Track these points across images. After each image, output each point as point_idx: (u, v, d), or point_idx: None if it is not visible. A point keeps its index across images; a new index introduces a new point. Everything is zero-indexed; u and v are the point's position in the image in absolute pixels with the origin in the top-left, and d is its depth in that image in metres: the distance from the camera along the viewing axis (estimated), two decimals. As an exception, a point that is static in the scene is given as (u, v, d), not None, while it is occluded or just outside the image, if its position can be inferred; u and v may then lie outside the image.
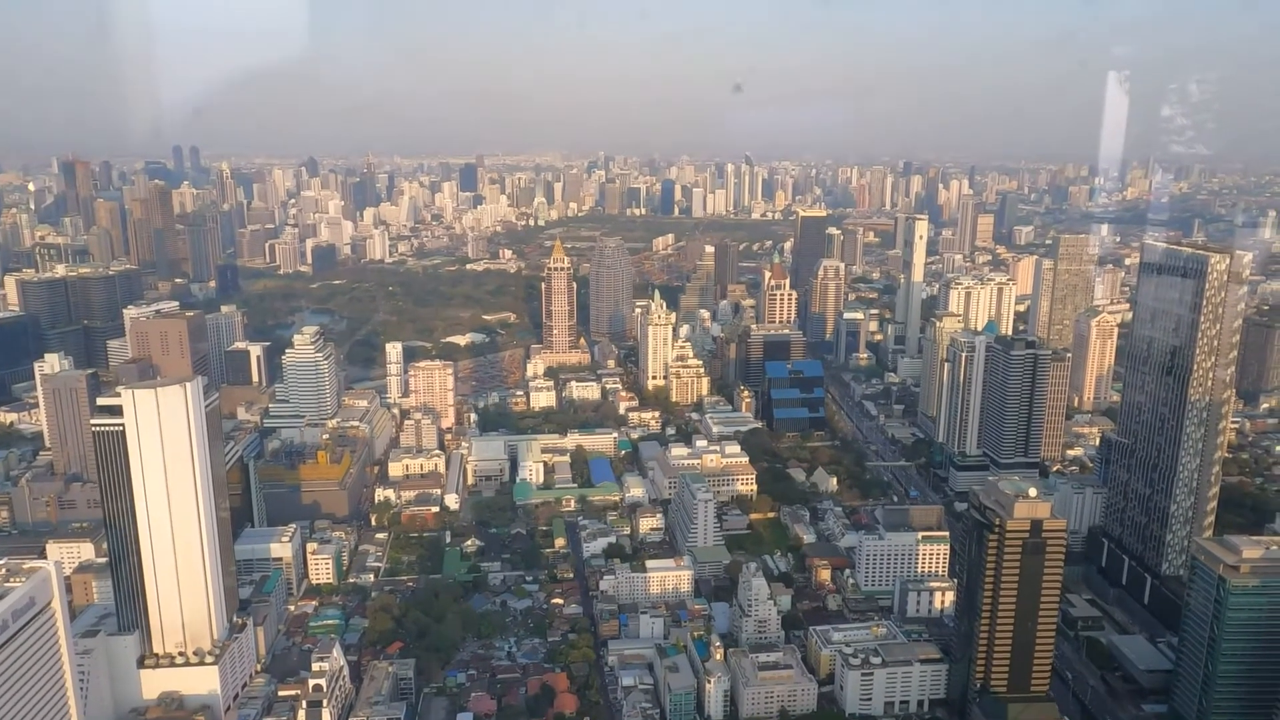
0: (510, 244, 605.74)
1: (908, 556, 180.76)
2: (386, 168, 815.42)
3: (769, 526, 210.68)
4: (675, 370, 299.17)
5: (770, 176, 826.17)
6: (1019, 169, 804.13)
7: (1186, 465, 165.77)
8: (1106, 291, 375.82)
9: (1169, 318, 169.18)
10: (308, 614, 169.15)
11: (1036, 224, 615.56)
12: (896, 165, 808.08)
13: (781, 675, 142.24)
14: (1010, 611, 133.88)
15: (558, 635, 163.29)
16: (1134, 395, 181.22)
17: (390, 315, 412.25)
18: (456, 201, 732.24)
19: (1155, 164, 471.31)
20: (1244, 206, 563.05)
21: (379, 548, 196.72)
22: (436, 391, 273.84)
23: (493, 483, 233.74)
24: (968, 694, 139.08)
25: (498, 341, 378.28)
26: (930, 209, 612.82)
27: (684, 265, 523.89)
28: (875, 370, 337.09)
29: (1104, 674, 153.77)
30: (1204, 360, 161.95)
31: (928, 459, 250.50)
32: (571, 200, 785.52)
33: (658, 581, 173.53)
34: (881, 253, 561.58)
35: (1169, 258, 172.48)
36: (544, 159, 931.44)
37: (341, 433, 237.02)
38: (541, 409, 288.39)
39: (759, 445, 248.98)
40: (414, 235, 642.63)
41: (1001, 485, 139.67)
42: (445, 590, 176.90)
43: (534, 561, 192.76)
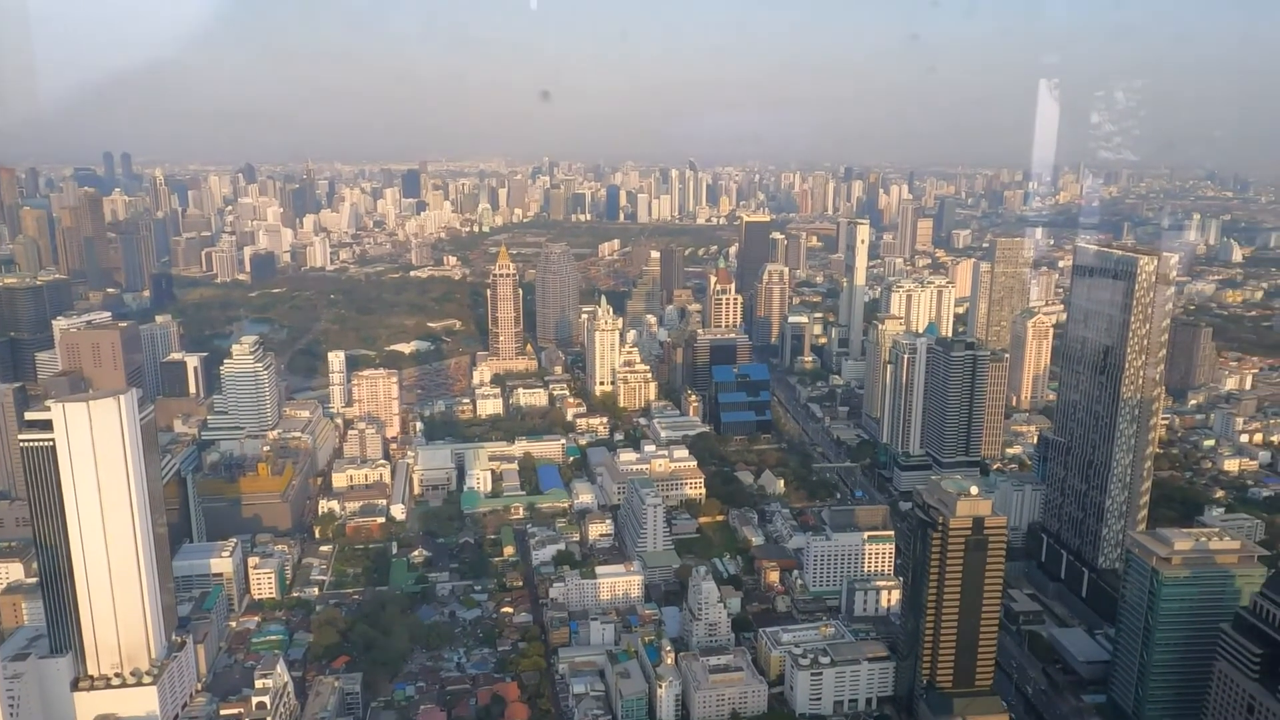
0: (455, 250, 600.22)
1: (854, 556, 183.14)
2: (327, 174, 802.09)
3: (718, 530, 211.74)
4: (622, 376, 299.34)
5: (714, 182, 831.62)
6: (956, 174, 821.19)
7: (1120, 461, 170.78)
8: (1041, 293, 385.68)
9: (1101, 318, 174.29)
10: (250, 630, 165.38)
11: (974, 228, 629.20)
12: (838, 170, 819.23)
13: (732, 678, 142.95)
14: (954, 608, 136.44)
15: (508, 644, 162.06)
16: (1069, 394, 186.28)
17: (332, 324, 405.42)
18: (399, 208, 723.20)
19: (1085, 169, 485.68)
20: (1170, 210, 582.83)
21: (323, 560, 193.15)
22: (381, 400, 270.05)
23: (440, 492, 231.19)
24: (915, 690, 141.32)
25: (443, 349, 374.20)
26: (871, 213, 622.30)
27: (630, 271, 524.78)
28: (820, 373, 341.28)
29: (1045, 667, 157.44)
30: (1135, 359, 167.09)
31: (872, 459, 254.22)
32: (516, 206, 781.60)
33: (608, 587, 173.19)
34: (824, 257, 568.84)
35: (1100, 260, 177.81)
36: (488, 165, 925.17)
37: (283, 444, 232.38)
38: (488, 416, 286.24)
39: (707, 449, 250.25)
40: (356, 242, 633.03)
41: (944, 484, 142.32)
42: (392, 602, 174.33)
43: (483, 571, 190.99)
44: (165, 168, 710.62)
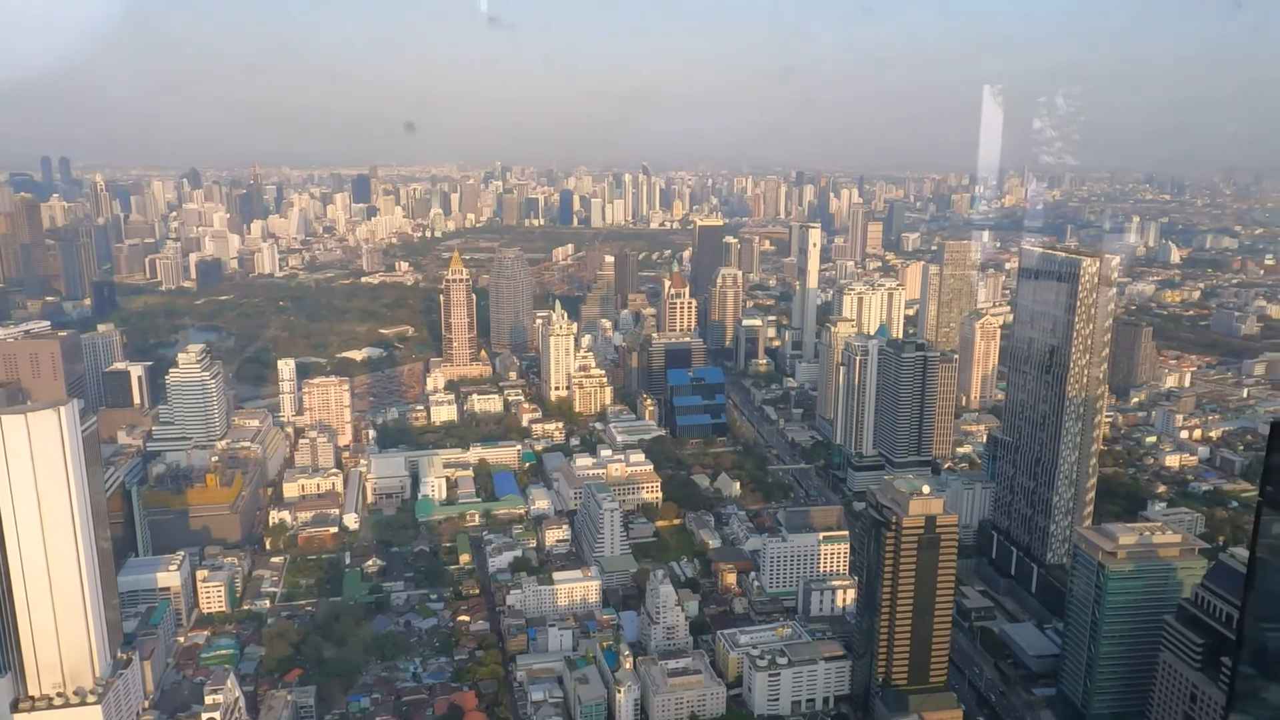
0: (406, 256, 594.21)
1: (810, 557, 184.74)
2: (274, 179, 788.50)
3: (675, 533, 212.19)
4: (578, 380, 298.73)
5: (668, 186, 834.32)
6: (905, 178, 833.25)
7: (1066, 458, 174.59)
8: (989, 295, 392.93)
9: (1046, 319, 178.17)
10: (199, 645, 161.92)
11: (923, 231, 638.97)
12: (789, 175, 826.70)
13: (691, 681, 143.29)
14: (908, 606, 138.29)
15: (464, 653, 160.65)
16: (1016, 394, 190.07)
17: (282, 331, 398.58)
18: (349, 213, 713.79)
19: (1029, 173, 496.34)
20: (1111, 213, 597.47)
21: (275, 572, 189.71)
22: (332, 408, 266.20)
23: (394, 500, 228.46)
24: (870, 688, 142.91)
25: (396, 356, 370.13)
26: (822, 217, 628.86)
27: (584, 275, 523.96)
28: (774, 375, 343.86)
29: (997, 662, 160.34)
30: (1079, 358, 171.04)
31: (826, 460, 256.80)
32: (469, 211, 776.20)
33: (565, 593, 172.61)
34: (777, 260, 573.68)
35: (1044, 262, 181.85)
36: (439, 169, 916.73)
37: (232, 454, 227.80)
38: (442, 423, 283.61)
39: (663, 453, 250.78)
40: (305, 248, 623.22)
41: (897, 484, 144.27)
42: (346, 613, 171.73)
43: (438, 579, 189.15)
44: (106, 173, 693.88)
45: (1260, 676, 18.39)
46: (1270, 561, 17.74)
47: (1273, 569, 17.83)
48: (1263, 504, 17.40)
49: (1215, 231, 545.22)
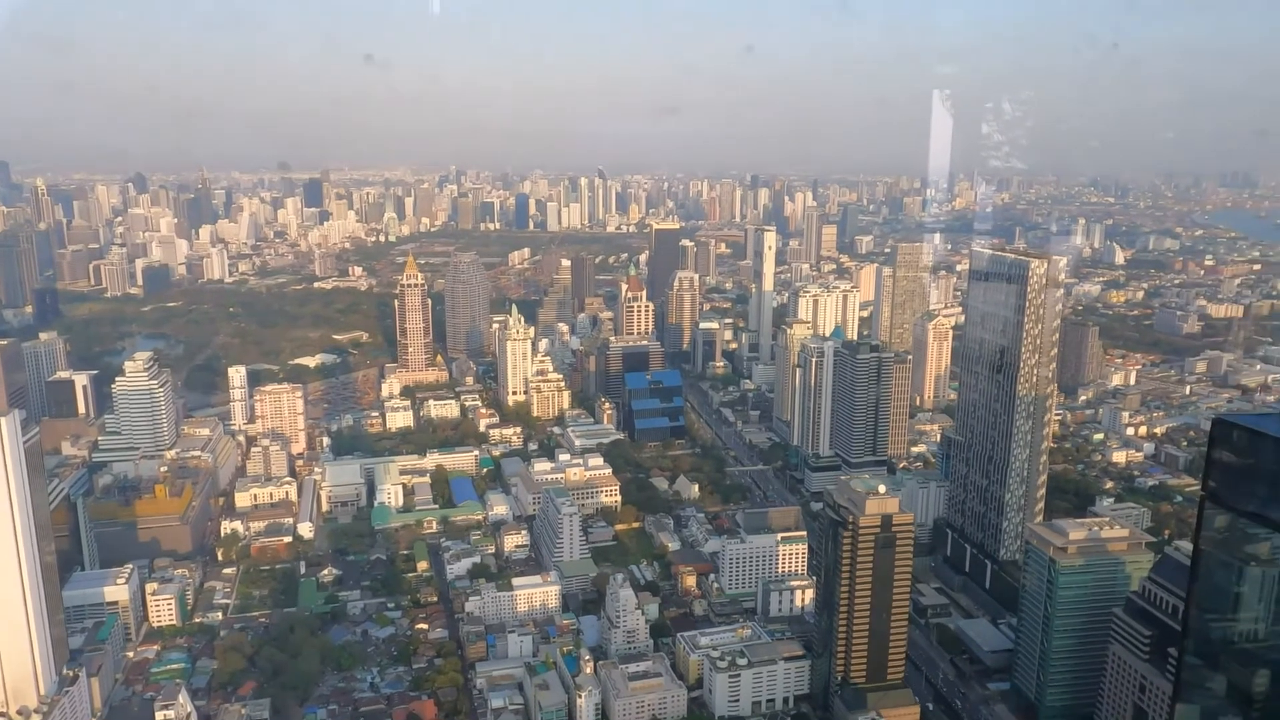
0: (360, 261, 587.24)
1: (768, 558, 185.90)
2: (223, 183, 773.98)
3: (634, 536, 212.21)
4: (535, 385, 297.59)
5: (624, 190, 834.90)
6: (858, 181, 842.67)
7: (1017, 456, 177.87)
8: (941, 296, 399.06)
9: (996, 320, 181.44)
10: (149, 659, 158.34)
11: (876, 233, 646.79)
12: (744, 178, 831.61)
13: (651, 684, 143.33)
14: (866, 604, 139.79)
15: (423, 661, 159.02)
16: (969, 393, 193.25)
17: (232, 337, 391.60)
18: (301, 218, 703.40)
19: (979, 177, 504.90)
20: (1058, 215, 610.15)
21: (227, 583, 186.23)
22: (285, 416, 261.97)
23: (349, 508, 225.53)
24: (830, 687, 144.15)
25: (350, 362, 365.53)
26: (777, 220, 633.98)
27: (541, 279, 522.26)
28: (731, 378, 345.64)
29: (953, 658, 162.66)
30: (1029, 358, 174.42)
31: (784, 462, 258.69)
32: (423, 215, 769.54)
33: (525, 599, 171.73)
34: (733, 263, 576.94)
35: (994, 264, 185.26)
36: (393, 173, 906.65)
37: (182, 464, 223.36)
38: (398, 429, 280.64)
39: (622, 456, 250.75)
40: (256, 253, 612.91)
41: (853, 484, 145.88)
42: (301, 623, 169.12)
43: (396, 587, 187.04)
44: (48, 177, 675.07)
45: (1204, 666, 18.91)
46: (1212, 554, 18.27)
47: (1215, 561, 18.36)
48: (1205, 498, 17.91)
49: (1157, 233, 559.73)
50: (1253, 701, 17.82)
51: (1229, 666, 18.02)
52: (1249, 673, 17.57)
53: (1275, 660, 17.32)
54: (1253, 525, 17.03)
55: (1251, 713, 17.96)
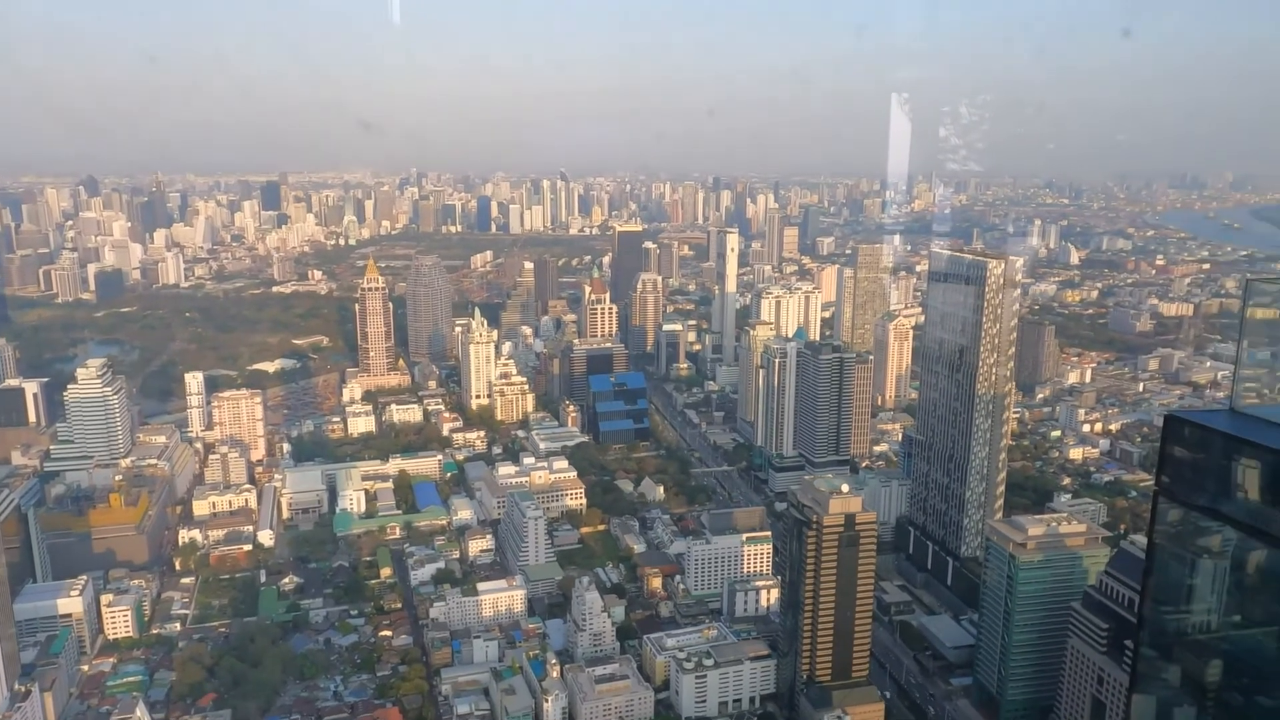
0: (320, 264, 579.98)
1: (734, 558, 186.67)
2: (178, 186, 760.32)
3: (600, 539, 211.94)
4: (499, 388, 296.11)
5: (586, 192, 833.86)
6: (819, 183, 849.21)
7: (977, 454, 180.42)
8: (901, 297, 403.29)
9: (955, 320, 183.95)
10: (105, 673, 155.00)
11: (837, 235, 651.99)
12: (707, 181, 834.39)
13: (618, 686, 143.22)
14: (830, 603, 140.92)
15: (387, 669, 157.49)
16: (929, 392, 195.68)
17: (189, 343, 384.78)
18: (259, 221, 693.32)
19: (937, 179, 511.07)
20: (1014, 216, 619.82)
21: (185, 594, 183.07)
22: (244, 422, 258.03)
23: (310, 515, 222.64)
24: (795, 686, 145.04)
25: (310, 367, 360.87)
26: (740, 222, 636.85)
27: (503, 282, 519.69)
28: (695, 379, 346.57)
29: (916, 654, 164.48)
30: (987, 357, 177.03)
31: (748, 462, 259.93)
32: (384, 218, 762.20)
33: (490, 604, 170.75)
34: (696, 265, 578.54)
35: (953, 265, 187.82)
36: (353, 176, 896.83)
37: (137, 472, 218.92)
38: (360, 435, 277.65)
39: (586, 459, 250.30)
40: (212, 257, 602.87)
41: (817, 483, 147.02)
42: (262, 632, 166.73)
43: (359, 594, 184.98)
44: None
45: (1160, 658, 19.28)
46: (1166, 548, 18.63)
47: (1169, 555, 18.73)
48: (1158, 493, 18.26)
49: (1110, 234, 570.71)
50: (1206, 691, 18.23)
51: (1183, 657, 18.42)
52: (1202, 663, 17.97)
53: (1227, 650, 17.74)
54: (1204, 519, 17.43)
55: (1205, 702, 18.38)
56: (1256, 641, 17.58)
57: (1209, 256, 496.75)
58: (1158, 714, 19.65)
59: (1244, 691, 17.77)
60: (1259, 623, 17.64)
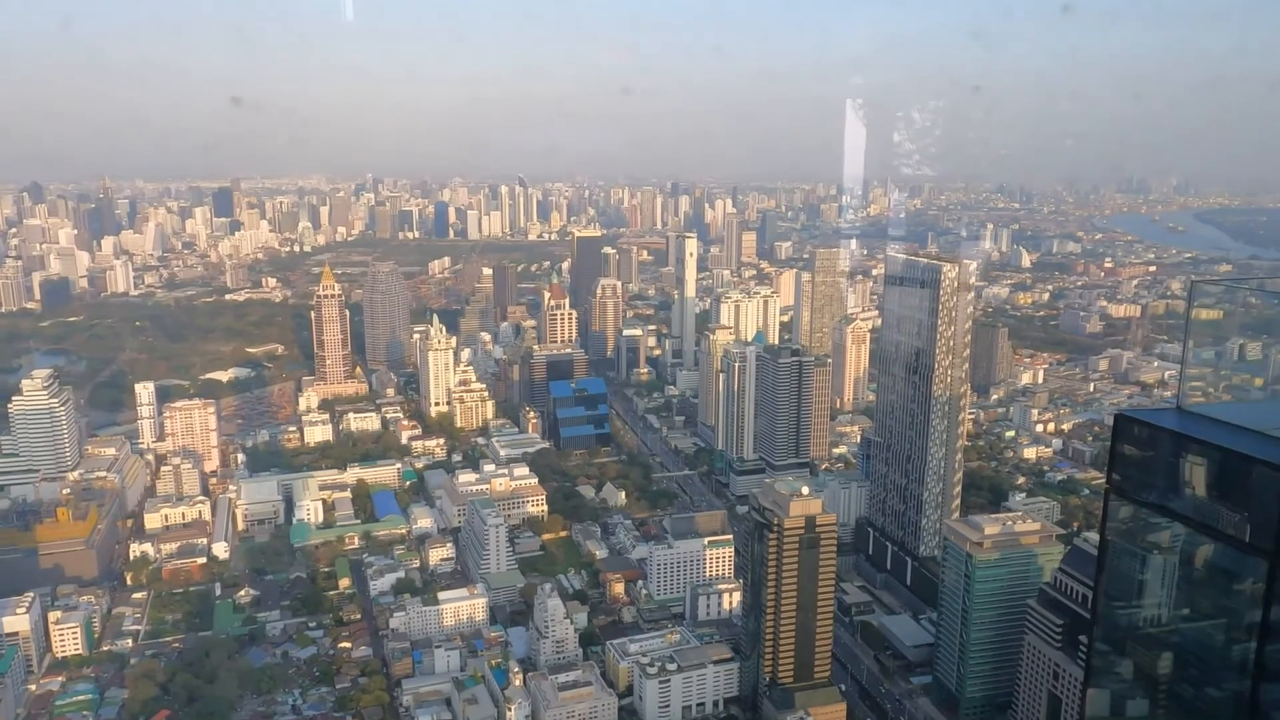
0: (274, 272, 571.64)
1: (696, 562, 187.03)
2: (127, 193, 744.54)
3: (562, 545, 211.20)
4: (458, 395, 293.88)
5: (545, 198, 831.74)
6: (777, 188, 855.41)
7: (934, 455, 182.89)
8: (858, 300, 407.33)
9: (911, 322, 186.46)
10: (54, 692, 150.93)
11: (794, 239, 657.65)
12: (665, 186, 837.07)
13: (582, 693, 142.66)
14: (792, 605, 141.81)
15: (347, 681, 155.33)
16: (886, 395, 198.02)
17: (139, 352, 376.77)
18: (211, 228, 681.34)
19: (892, 184, 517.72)
20: (967, 220, 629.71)
21: (137, 609, 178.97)
22: (197, 433, 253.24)
23: (266, 526, 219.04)
24: (758, 688, 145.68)
25: (265, 375, 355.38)
26: (698, 227, 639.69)
27: (462, 288, 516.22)
28: (656, 384, 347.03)
29: (877, 654, 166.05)
30: (943, 359, 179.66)
31: (709, 466, 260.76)
32: (340, 224, 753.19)
33: (451, 613, 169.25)
34: (655, 270, 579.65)
35: (908, 269, 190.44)
36: (307, 182, 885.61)
37: (86, 485, 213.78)
38: (317, 444, 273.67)
39: (548, 465, 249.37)
40: (163, 265, 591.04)
41: (777, 486, 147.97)
42: (217, 647, 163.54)
43: (317, 606, 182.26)
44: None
45: (1113, 652, 19.69)
46: (1118, 544, 19.06)
47: (1120, 551, 19.15)
48: (1109, 491, 18.69)
49: (1060, 237, 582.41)
50: (1158, 683, 18.67)
51: (1135, 651, 18.84)
52: (1154, 656, 18.41)
53: (1177, 643, 18.19)
54: (1154, 516, 17.87)
55: (1157, 694, 18.82)
56: (1205, 634, 18.04)
57: (1155, 259, 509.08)
58: (1112, 707, 20.05)
59: (1194, 683, 18.22)
60: (1207, 615, 18.10)
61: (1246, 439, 16.20)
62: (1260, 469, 15.36)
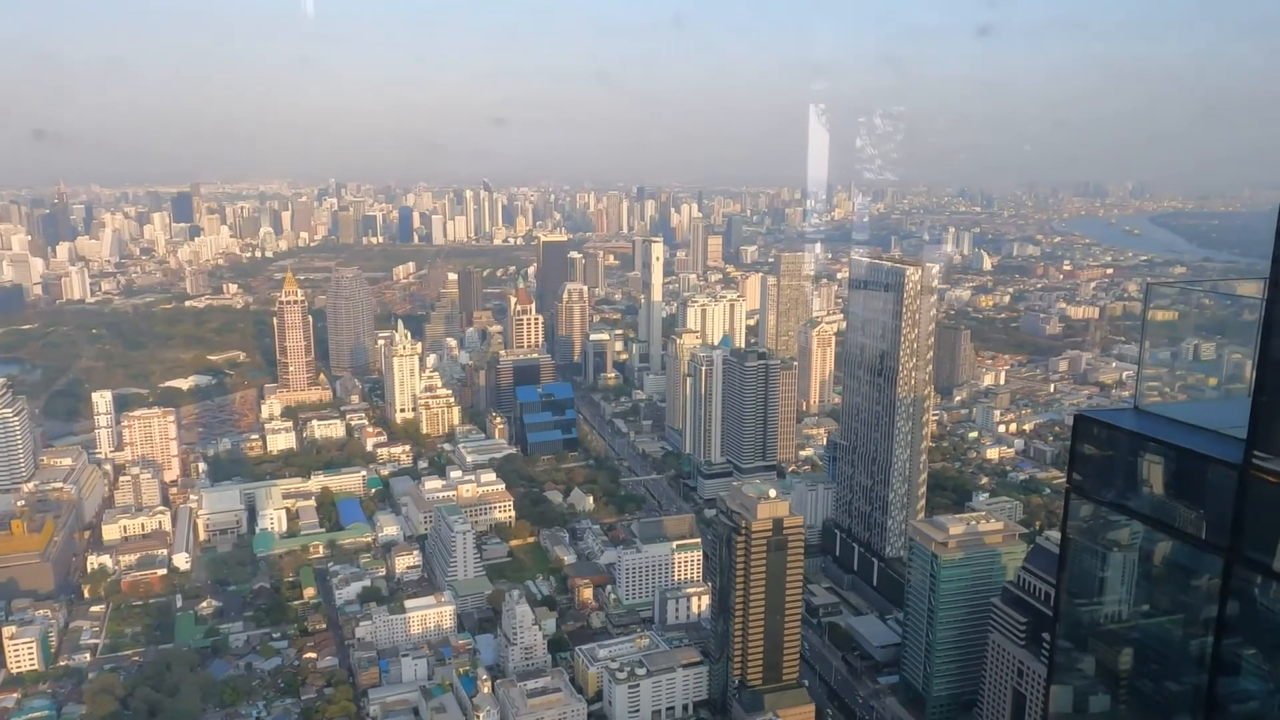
0: (235, 278, 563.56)
1: (664, 566, 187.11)
2: (83, 198, 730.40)
3: (530, 551, 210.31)
4: (424, 401, 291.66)
5: (510, 202, 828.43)
6: (742, 193, 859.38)
7: (899, 456, 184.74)
8: (823, 304, 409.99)
9: (876, 325, 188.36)
10: (9, 709, 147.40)
11: (760, 244, 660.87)
12: (631, 190, 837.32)
13: (551, 700, 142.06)
14: (760, 607, 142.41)
15: (312, 692, 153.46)
16: (852, 397, 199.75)
17: (96, 361, 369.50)
18: (170, 233, 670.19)
19: (855, 188, 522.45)
20: (929, 224, 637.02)
21: (95, 622, 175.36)
22: (157, 442, 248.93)
23: (229, 536, 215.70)
24: (728, 691, 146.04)
25: (227, 383, 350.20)
26: (664, 231, 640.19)
27: (427, 294, 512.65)
28: (623, 388, 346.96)
29: (844, 654, 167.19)
30: (907, 361, 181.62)
31: (677, 470, 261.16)
32: (302, 230, 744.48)
33: (418, 621, 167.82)
34: (622, 275, 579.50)
35: (872, 272, 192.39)
36: (269, 186, 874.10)
37: (41, 496, 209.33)
38: (280, 452, 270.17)
39: (515, 471, 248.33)
40: (120, 271, 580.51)
41: (745, 489, 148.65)
42: (179, 660, 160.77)
43: (281, 616, 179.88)
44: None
45: (1075, 648, 20.00)
46: (1079, 542, 19.37)
47: (1081, 549, 19.47)
48: (1070, 490, 18.99)
49: (1020, 240, 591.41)
50: (1119, 678, 19.00)
51: (1097, 647, 19.15)
52: (1115, 651, 18.73)
53: (1137, 639, 18.52)
54: (1114, 514, 18.19)
55: (1118, 689, 19.14)
56: (1164, 629, 18.37)
57: (1112, 261, 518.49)
58: (1074, 703, 20.34)
59: (1153, 678, 18.54)
60: (1166, 611, 18.44)
61: (1201, 438, 16.54)
62: (1215, 467, 15.70)
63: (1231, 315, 19.84)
